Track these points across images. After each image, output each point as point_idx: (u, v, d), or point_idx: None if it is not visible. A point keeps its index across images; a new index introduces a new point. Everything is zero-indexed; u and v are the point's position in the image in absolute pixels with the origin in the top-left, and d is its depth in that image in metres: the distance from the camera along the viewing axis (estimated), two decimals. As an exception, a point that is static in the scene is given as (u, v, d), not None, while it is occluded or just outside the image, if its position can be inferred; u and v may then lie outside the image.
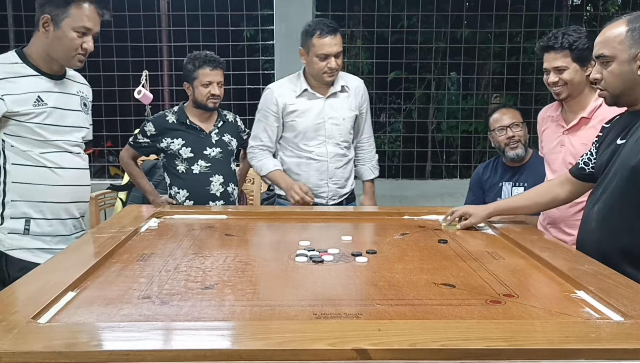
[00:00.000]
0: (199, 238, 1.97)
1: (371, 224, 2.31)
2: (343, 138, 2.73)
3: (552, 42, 2.21)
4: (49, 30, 1.99)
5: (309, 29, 2.58)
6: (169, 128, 2.78)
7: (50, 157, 2.05)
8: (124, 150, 2.89)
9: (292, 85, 2.72)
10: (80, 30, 2.00)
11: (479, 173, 3.00)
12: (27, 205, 2.02)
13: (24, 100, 1.98)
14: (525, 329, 1.14)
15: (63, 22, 1.98)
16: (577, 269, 1.55)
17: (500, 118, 2.85)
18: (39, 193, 2.03)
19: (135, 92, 3.86)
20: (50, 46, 2.01)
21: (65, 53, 2.02)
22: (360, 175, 2.92)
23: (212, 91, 2.73)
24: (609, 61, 1.73)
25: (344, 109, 2.73)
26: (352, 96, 2.75)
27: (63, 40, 2.00)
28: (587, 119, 2.25)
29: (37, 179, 2.03)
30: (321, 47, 2.55)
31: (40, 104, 2.01)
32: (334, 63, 2.58)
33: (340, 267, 1.63)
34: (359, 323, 1.20)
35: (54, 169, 2.06)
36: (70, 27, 1.98)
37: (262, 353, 1.03)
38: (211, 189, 2.76)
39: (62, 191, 2.08)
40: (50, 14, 1.98)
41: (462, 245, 1.89)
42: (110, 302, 1.30)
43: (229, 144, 2.84)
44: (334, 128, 2.71)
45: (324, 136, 2.70)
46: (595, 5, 5.58)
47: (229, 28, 4.74)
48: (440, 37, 5.16)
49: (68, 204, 2.12)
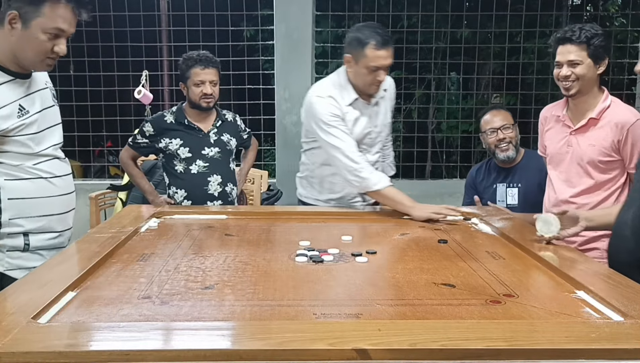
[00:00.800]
0: (199, 238, 1.97)
1: (371, 224, 2.31)
2: (380, 146, 2.64)
3: (569, 34, 2.18)
4: (15, 29, 1.74)
5: (362, 38, 2.34)
6: (167, 128, 2.78)
7: (43, 167, 1.88)
8: (124, 150, 2.89)
9: (340, 92, 2.48)
10: (52, 32, 1.75)
11: (472, 175, 2.99)
12: (26, 221, 1.85)
13: (8, 115, 1.77)
14: (525, 329, 1.14)
15: (33, 22, 1.73)
16: (577, 269, 1.55)
17: (490, 120, 2.81)
18: (37, 206, 1.87)
19: (135, 92, 3.86)
20: (16, 45, 1.76)
21: (33, 56, 1.78)
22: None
23: (205, 90, 2.70)
24: None
25: (383, 114, 2.61)
26: (388, 98, 2.64)
27: (31, 42, 1.75)
28: (596, 120, 2.23)
29: (35, 192, 1.86)
30: (375, 60, 2.33)
31: (24, 114, 1.81)
32: (383, 76, 2.40)
33: (340, 267, 1.63)
34: (359, 323, 1.20)
35: (49, 179, 1.90)
36: (40, 28, 1.74)
37: (262, 353, 1.03)
38: (209, 189, 2.75)
39: (58, 201, 1.94)
40: (18, 11, 1.72)
41: (462, 245, 1.89)
42: (110, 302, 1.30)
43: (227, 144, 2.83)
44: (377, 136, 2.60)
45: (367, 146, 2.57)
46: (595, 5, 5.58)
47: (229, 28, 4.74)
48: (440, 37, 5.16)
49: (65, 214, 1.98)
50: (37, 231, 1.88)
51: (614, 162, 2.20)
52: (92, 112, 4.65)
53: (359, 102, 2.50)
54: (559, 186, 2.34)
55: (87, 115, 4.64)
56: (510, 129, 2.78)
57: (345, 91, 2.47)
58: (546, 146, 2.45)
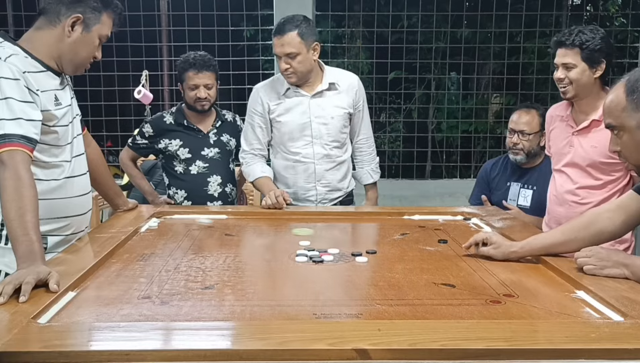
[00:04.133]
0: (199, 238, 1.97)
1: (371, 224, 2.31)
2: (332, 138, 2.60)
3: (564, 38, 2.19)
4: (75, 32, 1.76)
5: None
6: (167, 129, 2.77)
7: (67, 165, 1.82)
8: (123, 151, 2.88)
9: (276, 84, 2.62)
10: (104, 39, 1.84)
11: (487, 169, 2.94)
12: (47, 222, 1.72)
13: (48, 100, 1.74)
14: (525, 329, 1.14)
15: (94, 27, 1.79)
16: (577, 269, 1.54)
17: (515, 120, 2.73)
18: (61, 207, 1.79)
19: (135, 92, 3.85)
20: (69, 47, 1.77)
21: (84, 59, 1.83)
22: (359, 179, 2.79)
23: (199, 94, 2.69)
24: (619, 131, 1.53)
25: (332, 107, 2.59)
26: (344, 93, 2.61)
27: (87, 47, 1.80)
28: (599, 122, 2.20)
29: (59, 193, 1.78)
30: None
31: (59, 105, 1.79)
32: (283, 65, 2.46)
33: (340, 267, 1.63)
34: (359, 323, 1.20)
35: (74, 178, 1.84)
36: (97, 34, 1.81)
37: (262, 353, 1.03)
38: (209, 189, 2.75)
39: (81, 201, 1.88)
40: (83, 15, 1.76)
41: (462, 244, 1.89)
42: (110, 302, 1.31)
43: (227, 144, 2.83)
44: (322, 128, 2.58)
45: (311, 137, 2.58)
46: (595, 5, 5.57)
47: (229, 28, 4.74)
48: (440, 37, 5.15)
49: (86, 214, 1.93)
50: (57, 233, 1.82)
51: (617, 164, 2.20)
52: (92, 112, 4.65)
53: (293, 91, 2.57)
54: (561, 182, 2.33)
55: (87, 115, 4.64)
56: (527, 137, 2.68)
57: (281, 81, 2.59)
58: (551, 146, 2.44)
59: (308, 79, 2.57)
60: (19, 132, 1.58)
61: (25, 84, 1.65)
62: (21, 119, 1.60)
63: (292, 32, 2.43)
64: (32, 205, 1.51)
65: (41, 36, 1.77)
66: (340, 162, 2.65)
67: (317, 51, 2.52)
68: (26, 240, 1.44)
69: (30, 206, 1.51)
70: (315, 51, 2.51)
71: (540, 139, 2.69)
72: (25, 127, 1.60)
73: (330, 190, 2.65)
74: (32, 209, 1.51)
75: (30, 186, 1.54)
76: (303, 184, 2.62)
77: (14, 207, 1.49)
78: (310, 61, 2.50)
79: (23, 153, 1.58)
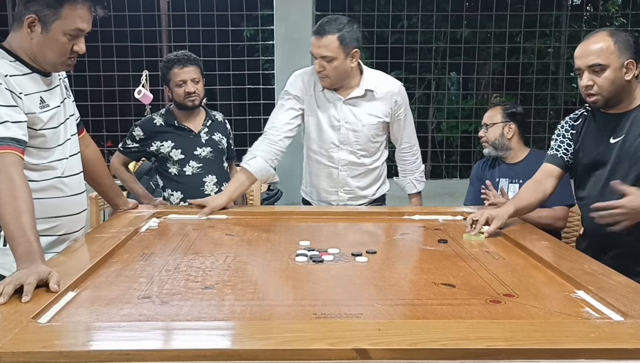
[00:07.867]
0: (199, 238, 1.97)
1: (371, 224, 2.31)
2: (361, 146, 2.51)
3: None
4: (35, 32, 1.69)
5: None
6: (157, 131, 2.75)
7: (59, 165, 1.81)
8: (114, 157, 2.83)
9: (316, 76, 2.48)
10: (72, 33, 1.71)
11: (478, 167, 2.98)
12: (38, 222, 1.64)
13: (32, 103, 1.71)
14: (525, 329, 1.14)
15: (53, 25, 1.68)
16: (577, 269, 1.55)
17: (483, 117, 2.85)
18: (52, 206, 1.78)
19: (135, 92, 3.85)
20: (36, 48, 1.72)
21: (55, 58, 1.74)
22: (403, 188, 2.73)
23: (187, 89, 2.67)
24: (603, 69, 1.89)
25: (365, 114, 2.49)
26: (381, 101, 2.50)
27: (52, 45, 1.71)
28: None
29: (50, 193, 1.77)
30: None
31: (45, 107, 1.76)
32: (317, 66, 2.39)
33: (340, 267, 1.63)
34: (359, 323, 1.20)
35: (66, 177, 1.82)
36: (61, 31, 1.69)
37: (262, 353, 1.03)
38: (205, 189, 2.74)
39: (74, 200, 1.86)
40: (37, 14, 1.67)
41: (462, 244, 1.89)
42: (110, 302, 1.31)
43: (219, 143, 2.81)
44: (351, 134, 2.50)
45: (338, 141, 2.51)
46: (595, 5, 5.57)
47: (229, 28, 4.74)
48: (440, 37, 5.16)
49: (80, 214, 1.91)
50: (48, 233, 1.79)
51: None
52: (92, 112, 4.65)
53: (330, 91, 2.49)
54: None
55: (87, 115, 4.64)
56: (487, 127, 2.76)
57: (313, 76, 2.51)
58: None
59: (343, 84, 2.47)
60: (8, 135, 1.58)
61: (7, 87, 1.63)
62: (8, 122, 1.59)
63: (332, 36, 2.32)
64: (27, 206, 1.51)
65: (16, 39, 1.74)
66: (365, 171, 2.58)
67: (355, 58, 2.41)
68: (24, 240, 1.44)
69: (25, 207, 1.51)
70: (354, 57, 2.40)
71: (504, 131, 2.73)
72: (13, 129, 1.60)
73: (352, 197, 2.60)
74: (27, 210, 1.51)
75: (23, 187, 1.54)
76: (325, 188, 2.58)
77: (9, 210, 1.49)
78: (347, 67, 2.40)
79: (14, 155, 1.57)
